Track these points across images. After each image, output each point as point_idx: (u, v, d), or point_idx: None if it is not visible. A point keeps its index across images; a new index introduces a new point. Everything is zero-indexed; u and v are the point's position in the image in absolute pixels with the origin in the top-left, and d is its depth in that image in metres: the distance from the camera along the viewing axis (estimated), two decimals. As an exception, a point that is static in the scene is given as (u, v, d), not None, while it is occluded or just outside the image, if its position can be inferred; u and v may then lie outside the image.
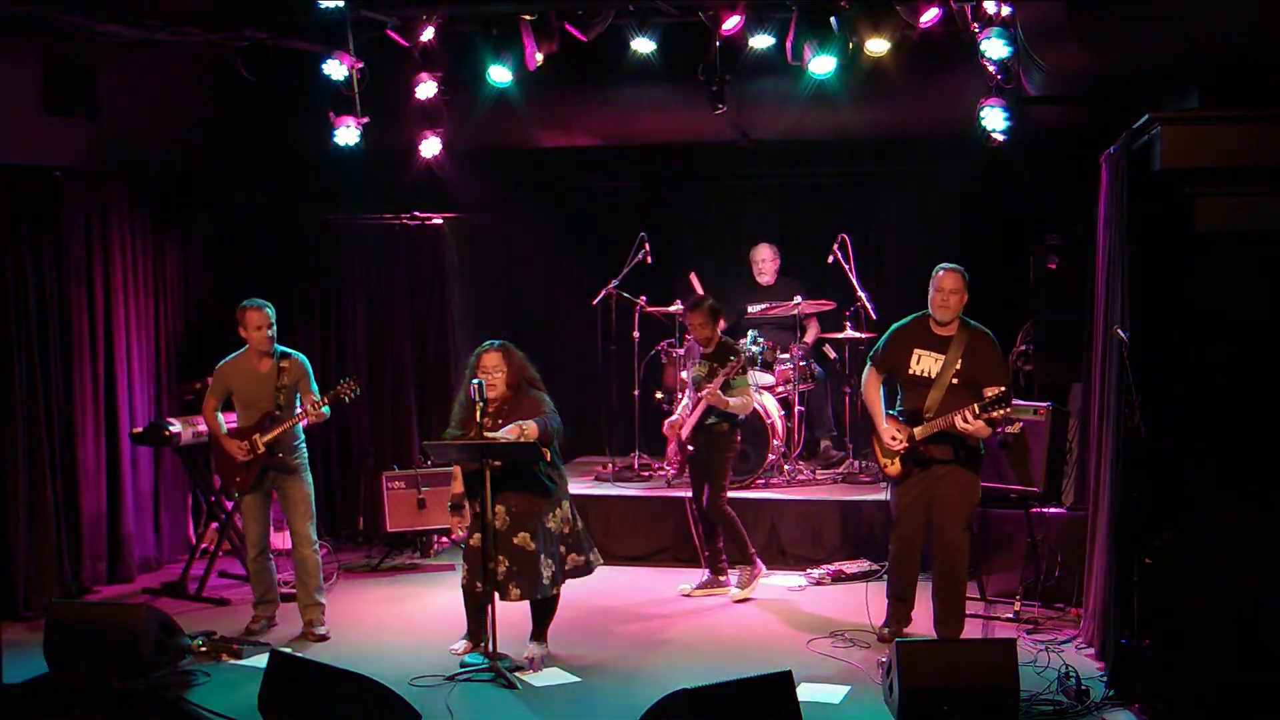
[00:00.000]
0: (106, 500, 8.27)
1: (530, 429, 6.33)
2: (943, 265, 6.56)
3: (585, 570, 6.66)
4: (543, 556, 6.41)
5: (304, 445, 7.17)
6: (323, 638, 7.07)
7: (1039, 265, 7.66)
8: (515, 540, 6.38)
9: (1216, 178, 5.63)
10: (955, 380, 6.42)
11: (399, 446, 9.36)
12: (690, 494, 7.96)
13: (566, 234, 10.42)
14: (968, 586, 6.78)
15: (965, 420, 6.24)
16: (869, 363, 6.80)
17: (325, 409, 7.01)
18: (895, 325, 6.75)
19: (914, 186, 9.49)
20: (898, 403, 6.70)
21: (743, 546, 7.74)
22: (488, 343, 6.59)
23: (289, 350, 7.15)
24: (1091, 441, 6.75)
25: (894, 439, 6.50)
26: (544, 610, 6.63)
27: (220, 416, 7.17)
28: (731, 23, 7.12)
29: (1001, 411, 6.23)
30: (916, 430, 6.45)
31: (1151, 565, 5.70)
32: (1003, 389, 6.26)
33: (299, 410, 7.03)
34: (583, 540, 6.68)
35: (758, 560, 7.79)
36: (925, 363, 6.51)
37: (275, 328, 7.04)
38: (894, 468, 6.59)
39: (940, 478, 6.50)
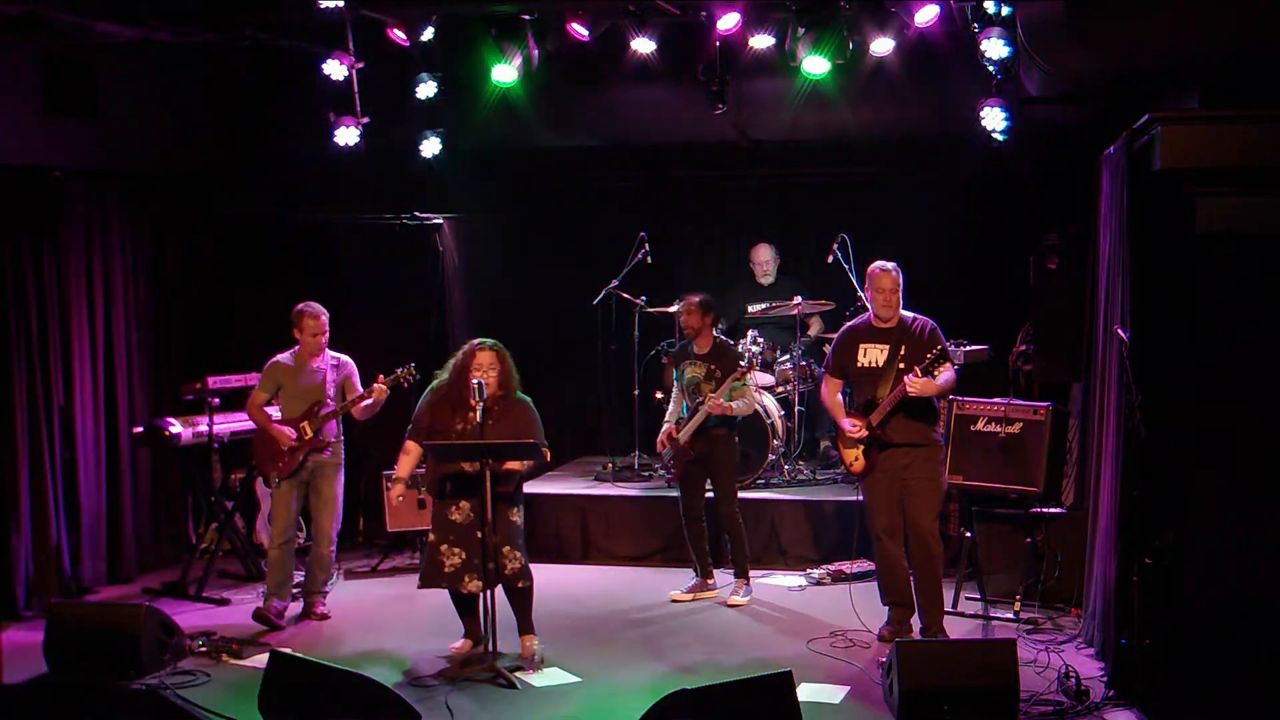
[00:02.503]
0: (106, 500, 8.28)
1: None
2: (878, 265, 6.73)
3: None
4: (506, 548, 6.42)
5: (343, 448, 7.44)
6: (324, 617, 7.36)
7: (1039, 265, 7.66)
8: (478, 534, 6.39)
9: (1216, 178, 5.64)
10: (902, 365, 6.55)
11: (399, 446, 9.33)
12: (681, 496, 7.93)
13: (566, 234, 10.41)
14: (966, 586, 6.78)
15: (913, 383, 6.37)
16: (823, 372, 7.00)
17: (387, 388, 7.27)
18: (843, 328, 6.98)
19: (914, 186, 9.48)
20: (852, 401, 6.87)
21: (742, 561, 7.72)
22: (480, 341, 6.59)
23: (339, 354, 7.44)
24: (1091, 441, 6.75)
25: (854, 426, 6.64)
26: (524, 602, 6.62)
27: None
28: (729, 22, 7.12)
29: (943, 366, 6.40)
30: (872, 416, 6.59)
31: (1151, 565, 5.70)
32: (939, 348, 6.44)
33: (355, 395, 7.29)
34: None
35: (750, 578, 7.79)
36: (871, 354, 6.69)
37: (328, 333, 7.35)
38: (859, 463, 6.69)
39: (905, 468, 6.59)
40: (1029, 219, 8.55)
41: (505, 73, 7.58)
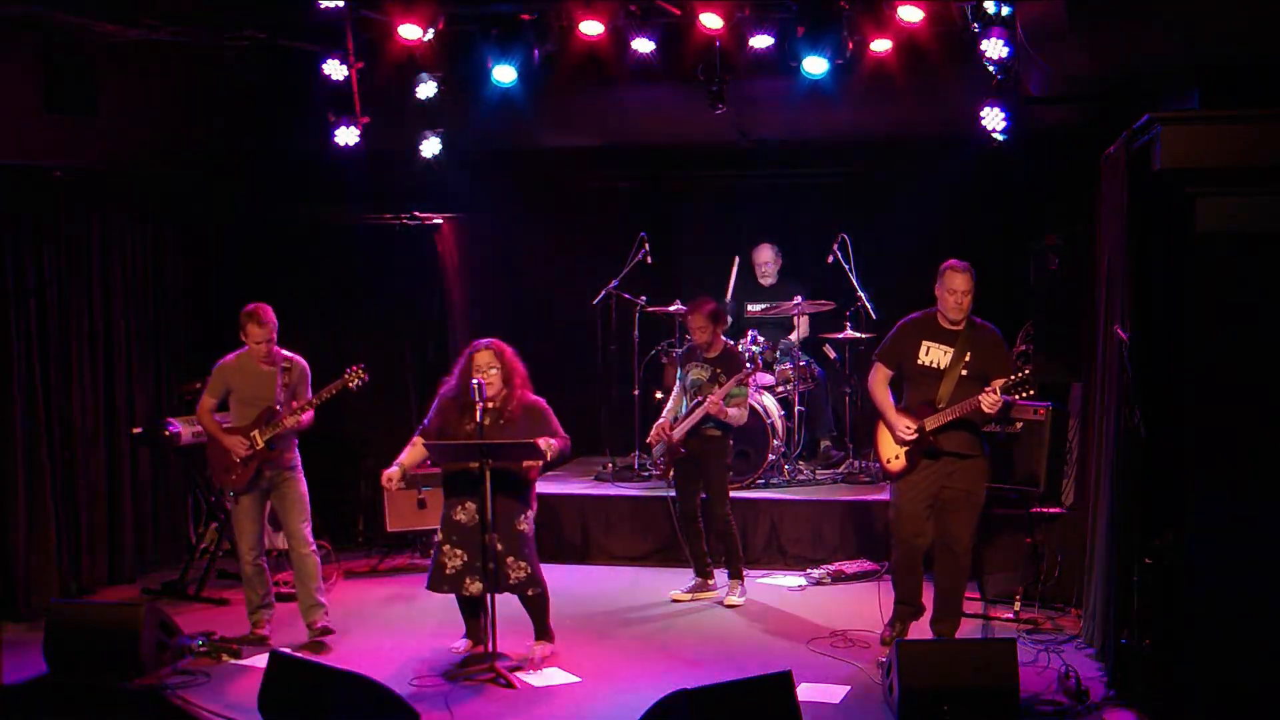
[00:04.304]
0: (106, 500, 8.27)
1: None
2: (953, 265, 6.46)
3: None
4: (511, 558, 6.40)
5: (298, 453, 7.16)
6: (327, 631, 7.01)
7: (1039, 265, 7.66)
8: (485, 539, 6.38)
9: (1216, 178, 5.63)
10: (965, 372, 6.38)
11: (399, 447, 9.31)
12: (673, 495, 7.93)
13: (566, 234, 10.41)
14: (967, 586, 6.77)
15: (991, 396, 6.13)
16: (875, 359, 6.72)
17: (308, 412, 6.97)
18: (904, 319, 6.67)
19: (914, 186, 9.48)
20: (903, 398, 6.64)
21: (736, 561, 7.71)
22: (478, 342, 6.60)
23: (291, 354, 7.13)
24: (1091, 441, 6.75)
25: (907, 428, 6.41)
26: (537, 609, 6.63)
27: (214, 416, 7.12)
28: (714, 23, 7.10)
29: (1028, 392, 6.16)
30: (927, 421, 6.38)
31: (1151, 565, 5.70)
32: (1027, 371, 6.18)
33: (297, 407, 7.01)
34: None
35: (745, 578, 7.78)
36: (934, 354, 6.46)
37: (275, 338, 6.98)
38: (899, 463, 6.49)
39: (950, 474, 6.42)
40: (1029, 219, 8.56)
41: (505, 73, 7.58)
